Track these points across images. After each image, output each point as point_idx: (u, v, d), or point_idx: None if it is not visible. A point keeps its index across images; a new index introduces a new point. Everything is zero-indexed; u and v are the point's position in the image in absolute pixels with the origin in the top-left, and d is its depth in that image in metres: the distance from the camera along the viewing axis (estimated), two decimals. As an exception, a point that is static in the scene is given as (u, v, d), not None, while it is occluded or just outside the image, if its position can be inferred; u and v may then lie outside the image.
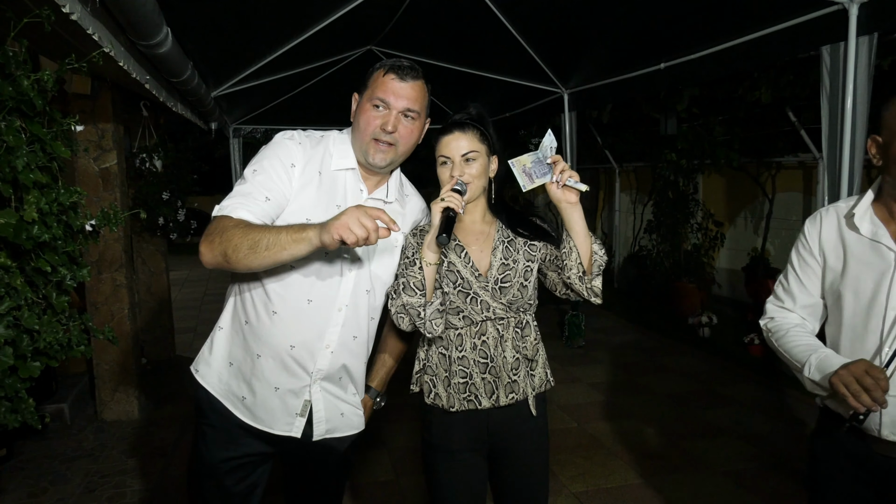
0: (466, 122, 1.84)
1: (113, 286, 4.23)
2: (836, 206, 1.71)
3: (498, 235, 1.87)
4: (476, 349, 1.81)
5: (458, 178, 1.77)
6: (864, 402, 1.43)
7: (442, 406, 1.83)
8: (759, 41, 3.50)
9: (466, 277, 1.80)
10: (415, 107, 1.72)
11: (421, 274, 1.73)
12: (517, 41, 4.67)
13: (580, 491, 3.34)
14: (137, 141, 5.20)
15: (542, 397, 1.92)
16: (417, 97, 1.73)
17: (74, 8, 1.80)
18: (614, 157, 9.41)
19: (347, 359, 1.82)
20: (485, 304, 1.80)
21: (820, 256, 1.70)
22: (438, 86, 6.56)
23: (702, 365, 5.55)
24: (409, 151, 1.81)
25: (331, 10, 3.83)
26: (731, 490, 3.34)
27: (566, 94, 5.67)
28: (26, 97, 1.71)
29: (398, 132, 1.72)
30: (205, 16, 3.19)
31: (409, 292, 1.73)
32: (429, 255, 1.72)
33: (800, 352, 1.65)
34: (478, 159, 1.81)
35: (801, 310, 1.76)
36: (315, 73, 5.46)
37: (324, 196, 1.74)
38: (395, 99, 1.70)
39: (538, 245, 1.88)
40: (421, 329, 1.76)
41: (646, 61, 4.43)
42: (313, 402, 1.80)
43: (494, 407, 1.82)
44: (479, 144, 1.82)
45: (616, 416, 4.40)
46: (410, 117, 1.73)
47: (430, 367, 1.87)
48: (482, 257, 1.84)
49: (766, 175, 7.03)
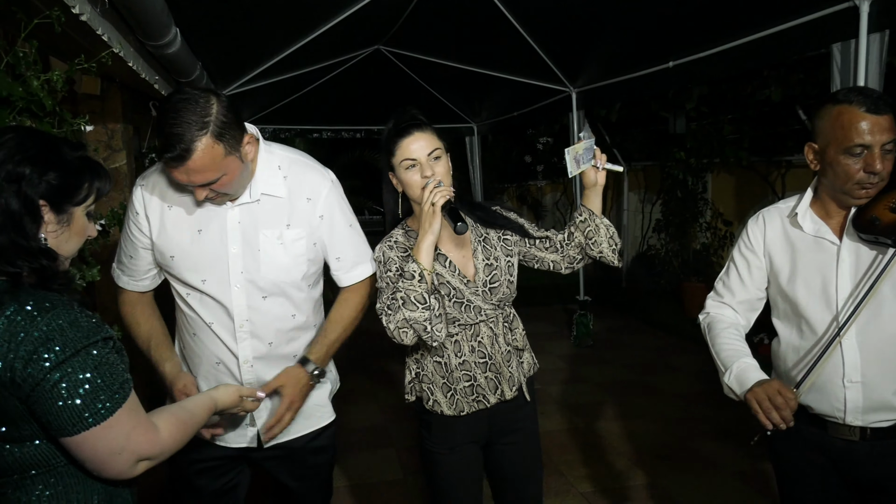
0: (421, 122, 1.79)
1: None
2: (776, 206, 1.82)
3: (473, 236, 1.86)
4: (474, 351, 1.83)
5: (431, 177, 1.71)
6: (773, 419, 1.56)
7: (442, 412, 1.84)
8: (768, 39, 3.48)
9: (457, 287, 1.79)
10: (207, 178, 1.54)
11: (422, 286, 1.65)
12: (525, 40, 4.66)
13: (588, 491, 3.34)
14: (146, 141, 5.22)
15: (531, 381, 1.96)
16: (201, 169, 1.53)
17: (84, 9, 1.81)
18: (623, 156, 9.37)
19: (278, 364, 1.80)
20: (477, 308, 1.81)
21: (765, 256, 1.80)
22: (446, 85, 6.61)
23: (710, 365, 5.50)
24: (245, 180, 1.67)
25: (338, 10, 3.84)
26: (740, 490, 3.32)
27: (574, 93, 5.65)
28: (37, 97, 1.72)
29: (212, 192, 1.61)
30: (213, 16, 3.20)
31: (410, 307, 1.65)
32: (426, 261, 1.67)
33: (726, 356, 1.79)
34: (442, 157, 1.78)
35: (738, 304, 1.88)
36: (322, 72, 5.47)
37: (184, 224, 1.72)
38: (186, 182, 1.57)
39: (511, 239, 1.91)
40: (428, 341, 1.70)
41: (654, 60, 4.41)
42: (254, 411, 1.75)
43: (500, 402, 1.85)
44: (440, 142, 1.79)
45: (624, 415, 4.38)
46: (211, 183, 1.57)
47: (426, 375, 1.86)
48: (465, 262, 1.84)
49: (775, 174, 6.98)
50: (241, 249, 1.70)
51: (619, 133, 9.03)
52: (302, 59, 4.68)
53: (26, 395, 1.05)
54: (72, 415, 1.06)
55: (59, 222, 1.17)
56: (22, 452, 1.11)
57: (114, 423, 1.10)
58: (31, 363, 1.03)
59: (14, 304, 1.06)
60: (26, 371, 1.03)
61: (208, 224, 1.70)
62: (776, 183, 6.96)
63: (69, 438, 1.07)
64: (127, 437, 1.12)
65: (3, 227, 1.09)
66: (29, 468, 1.12)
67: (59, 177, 1.15)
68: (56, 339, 1.05)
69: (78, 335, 1.07)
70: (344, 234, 1.83)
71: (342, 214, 1.82)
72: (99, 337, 1.11)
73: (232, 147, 1.54)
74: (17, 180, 1.10)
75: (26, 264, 1.11)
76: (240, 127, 1.58)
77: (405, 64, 5.79)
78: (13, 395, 1.05)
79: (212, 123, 1.48)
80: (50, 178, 1.14)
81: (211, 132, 1.48)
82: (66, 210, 1.18)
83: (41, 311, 1.06)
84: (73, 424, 1.06)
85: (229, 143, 1.53)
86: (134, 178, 4.47)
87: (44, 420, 1.07)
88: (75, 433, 1.07)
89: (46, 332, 1.05)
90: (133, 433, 1.13)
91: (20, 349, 1.03)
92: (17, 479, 1.12)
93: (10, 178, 1.10)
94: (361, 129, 8.06)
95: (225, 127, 1.51)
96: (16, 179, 1.10)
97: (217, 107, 1.50)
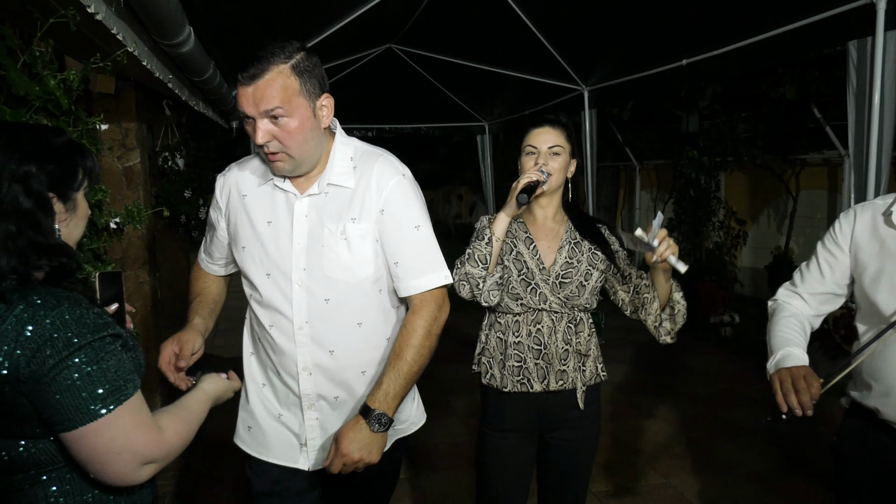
0: (556, 120, 1.99)
1: (136, 283, 4.29)
2: (872, 203, 1.70)
3: (566, 236, 2.00)
4: (531, 336, 1.94)
5: (541, 165, 1.90)
6: (790, 401, 1.49)
7: (496, 386, 1.96)
8: (783, 36, 3.45)
9: (531, 268, 1.93)
10: (272, 104, 1.45)
11: (488, 248, 1.84)
12: (537, 38, 4.65)
13: (601, 490, 3.32)
14: (160, 140, 5.26)
15: (593, 392, 2.04)
16: (270, 93, 1.44)
17: (99, 8, 1.83)
18: (635, 155, 9.33)
19: (342, 379, 1.65)
20: (543, 295, 1.92)
21: (850, 251, 1.69)
22: (457, 84, 6.60)
23: (724, 365, 5.49)
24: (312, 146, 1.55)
25: (350, 9, 3.85)
26: (754, 491, 3.29)
27: (586, 92, 5.63)
28: (53, 96, 1.74)
29: (274, 140, 1.49)
30: (226, 15, 3.22)
31: (472, 263, 1.83)
32: (498, 230, 1.85)
33: (776, 343, 1.71)
34: (562, 154, 1.95)
35: (811, 296, 1.80)
36: (335, 71, 5.49)
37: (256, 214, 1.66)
38: (250, 108, 1.47)
39: (600, 256, 1.99)
40: (479, 298, 1.86)
41: (667, 57, 4.38)
42: (307, 429, 1.67)
43: (545, 391, 1.93)
44: (565, 142, 1.96)
45: (637, 415, 4.37)
46: (275, 116, 1.46)
47: (489, 349, 2.00)
48: (548, 253, 1.97)
49: (789, 172, 6.92)
50: (305, 244, 1.59)
51: (632, 131, 8.99)
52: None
53: (30, 391, 1.04)
54: (70, 409, 1.04)
55: (66, 210, 1.18)
56: (37, 449, 1.11)
57: (113, 420, 1.07)
58: (35, 359, 1.03)
59: (23, 303, 1.05)
60: (30, 368, 1.03)
61: (277, 215, 1.62)
62: (790, 181, 6.90)
63: (67, 434, 1.05)
64: (128, 437, 1.09)
65: (21, 229, 1.08)
66: (44, 465, 1.12)
67: (58, 166, 1.15)
68: (60, 335, 1.04)
69: (83, 330, 1.06)
70: (407, 236, 1.61)
71: (408, 212, 1.61)
72: (106, 333, 1.10)
73: (308, 91, 1.49)
74: (25, 179, 1.09)
75: (47, 263, 1.11)
76: (321, 84, 1.54)
77: (417, 62, 5.79)
78: (20, 392, 1.05)
79: (294, 59, 1.47)
80: (51, 169, 1.13)
81: (291, 65, 1.46)
82: (70, 197, 1.18)
83: (48, 308, 1.05)
84: (70, 419, 1.04)
85: (306, 85, 1.48)
86: (148, 177, 4.51)
87: (45, 415, 1.05)
88: (72, 428, 1.05)
89: (51, 328, 1.04)
90: (134, 433, 1.10)
91: (26, 345, 1.03)
92: (33, 475, 1.12)
93: (16, 177, 1.09)
94: (373, 127, 8.07)
95: (306, 70, 1.49)
96: (23, 178, 1.09)
97: (304, 53, 1.50)
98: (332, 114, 1.59)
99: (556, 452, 2.01)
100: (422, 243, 1.62)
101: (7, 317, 1.04)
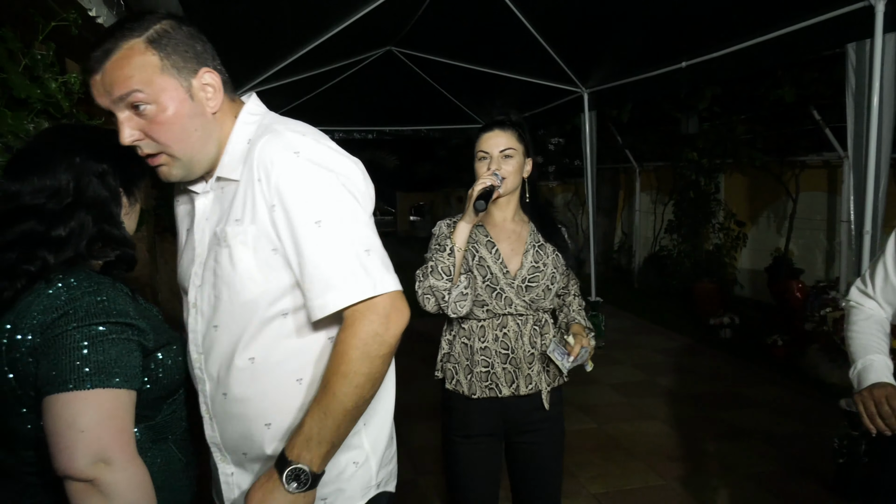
0: (506, 122, 1.96)
1: (137, 285, 4.28)
2: None
3: (531, 239, 1.98)
4: (498, 340, 1.92)
5: (494, 170, 1.88)
6: (877, 425, 1.55)
7: (462, 392, 1.94)
8: (782, 38, 3.46)
9: (495, 273, 1.91)
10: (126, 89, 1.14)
11: (450, 259, 1.83)
12: (537, 40, 4.66)
13: (599, 492, 3.32)
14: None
15: (557, 393, 2.01)
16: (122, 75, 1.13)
17: (100, 11, 1.83)
18: (634, 157, 9.34)
19: (241, 426, 1.26)
20: (508, 299, 1.91)
21: None
22: (457, 86, 6.61)
23: (723, 366, 5.49)
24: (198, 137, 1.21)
25: (350, 11, 3.85)
26: (754, 493, 3.29)
27: (586, 94, 5.64)
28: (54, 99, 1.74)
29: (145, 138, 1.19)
30: (227, 18, 3.22)
31: (436, 275, 1.83)
32: (459, 240, 1.84)
33: (855, 349, 1.73)
34: (514, 157, 1.93)
35: (880, 299, 1.80)
36: (335, 73, 5.50)
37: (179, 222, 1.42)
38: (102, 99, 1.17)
39: (562, 261, 2.00)
40: (446, 311, 1.86)
41: (667, 59, 4.39)
42: (223, 488, 1.32)
43: (513, 395, 1.93)
44: (517, 143, 1.95)
45: (636, 417, 4.37)
46: (135, 104, 1.15)
47: (454, 355, 1.97)
48: (513, 256, 1.96)
49: (789, 174, 6.92)
50: (204, 255, 1.28)
51: (631, 133, 9.00)
52: (314, 61, 4.70)
53: (39, 359, 1.08)
54: (54, 374, 1.05)
55: (129, 205, 1.30)
56: None
57: (86, 398, 1.04)
58: (50, 328, 1.08)
59: (61, 282, 1.12)
60: (44, 335, 1.08)
61: (191, 222, 1.33)
62: (790, 183, 6.90)
63: (44, 399, 1.05)
64: (98, 424, 1.04)
65: (95, 218, 1.20)
66: None
67: (127, 165, 1.26)
68: (77, 311, 1.09)
69: (100, 313, 1.10)
70: (305, 237, 1.16)
71: (304, 204, 1.16)
72: (123, 322, 1.12)
73: (175, 67, 1.17)
74: (103, 175, 1.22)
75: (110, 251, 1.21)
76: (197, 58, 1.20)
77: (417, 65, 5.80)
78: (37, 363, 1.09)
79: (151, 31, 1.15)
80: (123, 167, 1.26)
81: (145, 37, 1.14)
82: (133, 193, 1.31)
83: (81, 289, 1.11)
84: (50, 383, 1.05)
85: (171, 59, 1.16)
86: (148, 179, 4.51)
87: (38, 384, 1.07)
88: (48, 393, 1.05)
89: (73, 304, 1.09)
90: (106, 424, 1.05)
91: (47, 314, 1.09)
92: None
93: (96, 173, 1.22)
94: (373, 129, 8.08)
95: (168, 40, 1.16)
96: (101, 174, 1.22)
97: (166, 22, 1.18)
98: (220, 93, 1.24)
99: (524, 455, 2.01)
100: (328, 245, 1.15)
101: (42, 293, 1.11)
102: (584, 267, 6.64)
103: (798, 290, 5.56)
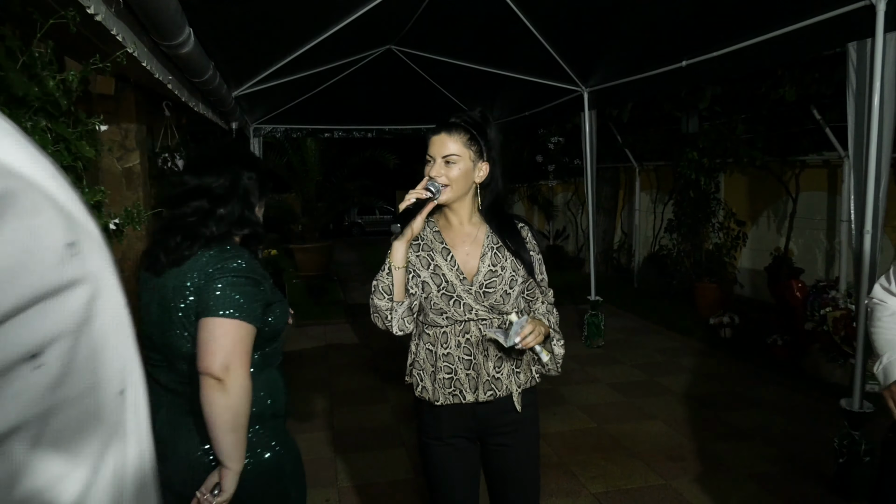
0: (456, 124, 1.83)
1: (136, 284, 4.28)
2: None
3: (487, 241, 1.89)
4: (461, 347, 1.85)
5: (433, 178, 1.80)
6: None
7: (428, 399, 1.89)
8: (783, 38, 3.45)
9: (451, 280, 1.84)
10: None
11: (389, 279, 1.80)
12: (537, 39, 4.65)
13: (600, 492, 3.32)
14: (160, 141, 5.26)
15: (529, 394, 1.95)
16: None
17: (99, 9, 1.83)
18: (634, 156, 9.33)
19: None
20: (467, 306, 1.84)
21: None
22: (457, 85, 6.60)
23: (723, 366, 5.49)
24: None
25: (350, 10, 3.85)
26: (754, 493, 3.29)
27: (586, 93, 5.63)
28: (52, 97, 1.74)
29: None
30: (226, 16, 3.22)
31: (378, 295, 1.81)
32: (397, 259, 1.80)
33: (881, 345, 1.78)
34: (458, 163, 1.81)
35: None
36: (335, 72, 5.49)
37: None
38: None
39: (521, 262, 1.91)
40: (391, 330, 1.83)
41: (667, 59, 4.39)
42: None
43: (477, 401, 1.87)
44: (463, 148, 1.81)
45: (636, 416, 4.36)
46: None
47: (419, 361, 1.92)
48: (469, 261, 1.87)
49: (789, 174, 6.92)
50: None
51: (632, 133, 9.00)
52: (314, 59, 4.69)
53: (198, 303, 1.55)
54: (213, 304, 1.53)
55: (259, 207, 1.78)
56: None
57: (227, 324, 1.51)
58: (207, 280, 1.56)
59: (217, 249, 1.62)
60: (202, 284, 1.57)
61: None
62: (790, 183, 6.90)
63: (200, 320, 1.53)
64: (231, 342, 1.50)
65: (241, 207, 1.70)
66: None
67: (264, 175, 1.78)
68: (226, 267, 1.58)
69: (240, 270, 1.59)
70: None
71: None
72: (251, 276, 1.60)
73: None
74: (250, 178, 1.74)
75: (249, 229, 1.72)
76: None
77: (416, 63, 5.79)
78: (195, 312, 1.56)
79: None
80: (260, 174, 1.77)
81: None
82: (263, 196, 1.78)
83: (231, 254, 1.61)
84: (205, 309, 1.53)
85: None
86: (147, 178, 4.51)
87: (199, 309, 1.54)
88: (205, 315, 1.52)
89: (223, 263, 1.58)
90: (236, 344, 1.51)
91: (203, 271, 1.58)
92: None
93: (247, 177, 1.73)
94: (373, 128, 8.07)
95: None
96: (248, 178, 1.73)
97: None
98: None
99: (499, 457, 1.95)
100: None
101: (205, 254, 1.61)
102: (584, 267, 6.63)
103: (798, 289, 5.56)
